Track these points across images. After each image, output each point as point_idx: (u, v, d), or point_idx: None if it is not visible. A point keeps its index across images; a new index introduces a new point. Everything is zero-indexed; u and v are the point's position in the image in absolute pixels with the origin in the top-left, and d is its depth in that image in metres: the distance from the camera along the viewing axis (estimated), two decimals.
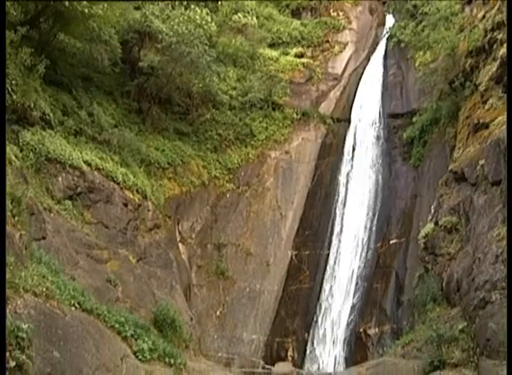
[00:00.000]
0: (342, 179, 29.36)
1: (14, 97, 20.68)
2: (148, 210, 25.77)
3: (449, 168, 20.87)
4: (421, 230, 20.90)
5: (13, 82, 20.56)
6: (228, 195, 29.76)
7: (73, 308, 14.33)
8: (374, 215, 27.43)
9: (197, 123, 31.67)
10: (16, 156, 19.66)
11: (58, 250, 18.58)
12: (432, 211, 21.00)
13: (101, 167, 23.90)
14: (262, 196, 29.76)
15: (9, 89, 20.34)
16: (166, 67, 28.90)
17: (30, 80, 21.82)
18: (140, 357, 16.01)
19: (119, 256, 21.77)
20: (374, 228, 27.04)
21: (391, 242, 26.07)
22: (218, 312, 26.30)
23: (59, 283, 14.89)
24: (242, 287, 27.07)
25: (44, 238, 18.36)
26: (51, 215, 20.08)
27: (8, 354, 10.58)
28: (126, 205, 24.38)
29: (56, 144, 22.34)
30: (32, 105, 21.74)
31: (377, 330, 23.53)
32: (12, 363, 10.51)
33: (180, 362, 17.46)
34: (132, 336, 16.38)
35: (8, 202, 13.54)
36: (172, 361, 17.11)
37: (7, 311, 11.11)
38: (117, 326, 15.96)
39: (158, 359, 16.75)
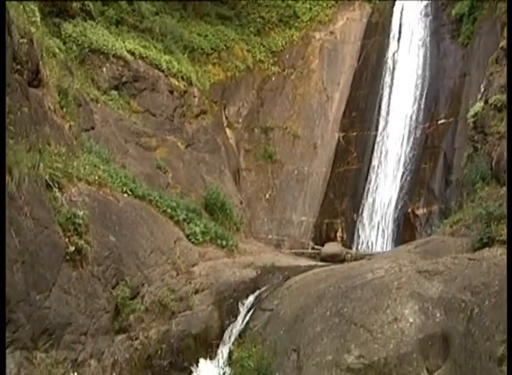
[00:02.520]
0: (389, 58, 28.57)
1: None
2: (194, 96, 25.81)
3: (500, 45, 20.04)
4: (470, 109, 20.37)
5: None
6: (273, 78, 29.44)
7: (126, 194, 14.73)
8: (421, 95, 26.84)
9: (238, 7, 30.89)
10: (59, 49, 19.70)
11: (107, 139, 18.90)
12: (482, 89, 20.43)
13: (144, 55, 23.84)
14: (308, 78, 29.33)
15: None
16: None
17: None
18: (192, 240, 16.50)
19: (167, 143, 22.04)
20: (421, 108, 26.51)
21: (439, 122, 25.63)
22: (267, 195, 26.66)
23: (111, 171, 15.25)
24: (290, 169, 27.24)
25: (92, 128, 18.65)
26: (99, 105, 20.31)
27: (67, 240, 11.05)
28: (171, 92, 24.44)
29: (98, 34, 22.28)
30: None
31: (425, 210, 23.59)
32: (72, 248, 11.01)
33: (232, 243, 17.94)
34: (184, 220, 16.82)
35: (55, 94, 13.72)
36: (223, 243, 17.59)
37: (63, 199, 11.51)
38: (169, 210, 16.38)
39: (210, 242, 17.24)
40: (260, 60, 29.78)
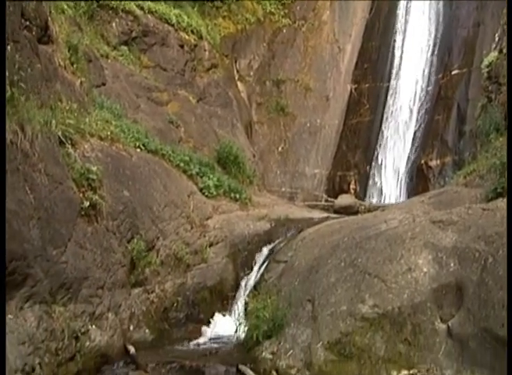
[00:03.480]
0: (401, 9, 28.11)
1: None
2: (205, 50, 25.56)
3: None
4: (484, 59, 20.12)
5: None
6: (284, 31, 29.04)
7: (138, 149, 14.75)
8: (434, 45, 26.47)
9: None
10: (67, 5, 19.49)
11: (118, 95, 18.84)
12: (497, 39, 20.13)
13: (153, 10, 23.53)
14: (319, 30, 28.93)
15: None
16: None
17: None
18: (206, 193, 16.55)
19: (178, 97, 21.97)
20: (434, 59, 26.17)
21: (453, 73, 25.31)
22: (279, 148, 26.62)
23: (123, 126, 15.24)
24: (302, 122, 27.11)
25: (103, 84, 18.58)
26: (109, 61, 20.20)
27: (81, 195, 11.15)
28: (181, 46, 24.24)
29: None
30: None
31: (438, 161, 23.52)
32: (86, 203, 11.11)
33: (245, 197, 17.98)
34: (197, 174, 16.84)
35: (65, 51, 13.67)
36: (237, 196, 17.63)
37: (76, 155, 11.57)
38: (182, 165, 16.40)
39: (224, 195, 17.28)
40: (270, 12, 29.32)
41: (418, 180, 23.73)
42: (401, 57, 27.03)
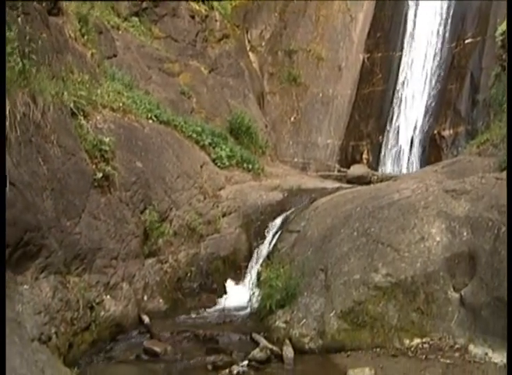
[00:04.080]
0: None
1: None
2: (216, 20, 25.37)
3: None
4: (498, 27, 19.86)
5: None
6: (295, 0, 28.77)
7: (151, 120, 14.75)
8: (448, 14, 26.06)
9: None
10: None
11: (130, 66, 18.81)
12: None
13: None
14: None
15: None
16: None
17: None
18: (218, 164, 16.60)
19: (190, 68, 21.88)
20: (448, 28, 25.83)
21: (466, 42, 24.98)
22: (292, 119, 26.49)
23: (135, 97, 15.24)
24: (315, 92, 26.92)
25: (115, 56, 18.53)
26: (120, 32, 20.12)
27: (94, 166, 11.19)
28: (193, 17, 24.08)
29: None
30: None
31: (451, 131, 23.33)
32: (99, 174, 11.16)
33: (258, 167, 18.02)
34: (209, 144, 16.87)
35: (75, 22, 13.62)
36: (250, 166, 17.66)
37: (88, 126, 11.59)
38: (194, 135, 16.41)
39: (237, 165, 17.31)
40: None
41: (431, 149, 23.57)
42: (414, 26, 26.69)
